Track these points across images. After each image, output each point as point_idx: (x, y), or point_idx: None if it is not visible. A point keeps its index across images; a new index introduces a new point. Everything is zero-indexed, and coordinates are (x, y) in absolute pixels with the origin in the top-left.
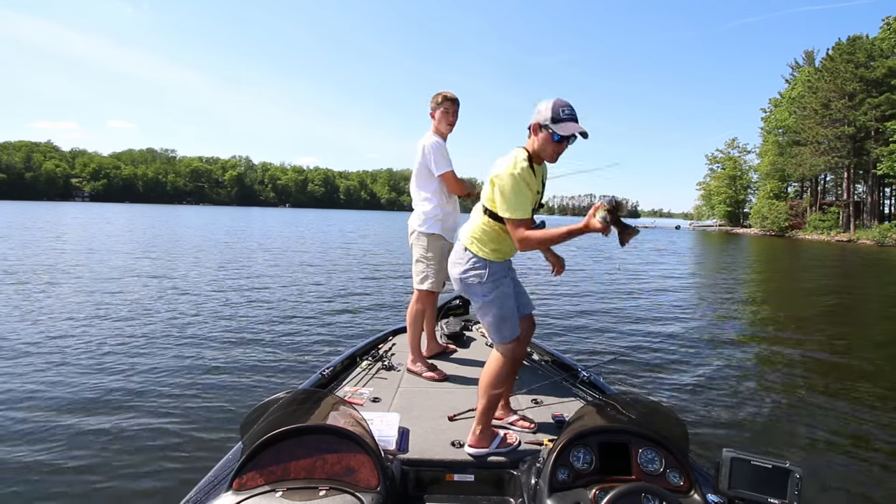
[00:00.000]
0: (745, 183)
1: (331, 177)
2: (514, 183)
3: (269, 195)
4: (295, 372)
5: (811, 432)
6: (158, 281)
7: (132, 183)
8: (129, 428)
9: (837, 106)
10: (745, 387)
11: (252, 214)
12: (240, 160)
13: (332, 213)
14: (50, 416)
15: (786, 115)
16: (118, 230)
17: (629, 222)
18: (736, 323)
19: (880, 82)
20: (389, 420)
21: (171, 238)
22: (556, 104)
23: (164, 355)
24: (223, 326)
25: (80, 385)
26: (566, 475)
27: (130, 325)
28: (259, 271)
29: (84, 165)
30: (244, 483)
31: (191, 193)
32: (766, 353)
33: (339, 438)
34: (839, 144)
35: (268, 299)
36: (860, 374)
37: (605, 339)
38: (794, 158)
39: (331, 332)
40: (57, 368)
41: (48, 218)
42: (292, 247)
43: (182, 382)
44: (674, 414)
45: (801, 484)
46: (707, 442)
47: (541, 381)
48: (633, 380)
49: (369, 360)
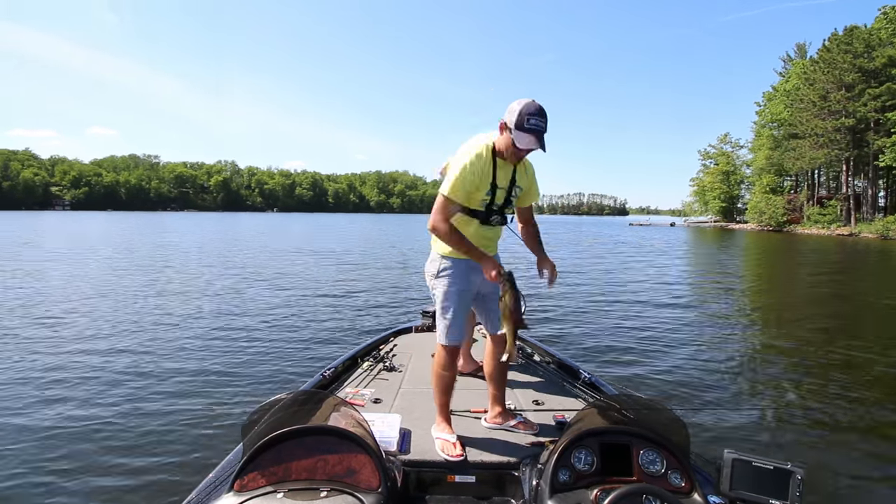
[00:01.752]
0: (739, 178)
1: (319, 180)
2: (461, 166)
3: (256, 200)
4: (296, 373)
5: (813, 433)
6: (158, 282)
7: (114, 190)
8: (130, 428)
9: (836, 97)
10: (746, 388)
11: (239, 220)
12: (225, 165)
13: (321, 217)
14: (50, 416)
15: (781, 109)
16: (116, 235)
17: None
18: (738, 324)
19: (879, 72)
20: (391, 421)
21: (165, 241)
22: (524, 110)
23: (165, 357)
24: (224, 328)
25: (80, 385)
26: (567, 476)
27: (130, 327)
28: (259, 273)
29: (64, 173)
30: (245, 484)
31: (175, 200)
32: (768, 354)
33: (340, 439)
34: (838, 136)
35: (269, 300)
36: (864, 374)
37: (606, 339)
38: (793, 152)
39: (332, 333)
40: (57, 370)
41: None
42: (292, 249)
43: (183, 384)
44: (675, 415)
45: (803, 485)
46: (708, 443)
47: (541, 382)
48: (633, 381)
49: (371, 361)
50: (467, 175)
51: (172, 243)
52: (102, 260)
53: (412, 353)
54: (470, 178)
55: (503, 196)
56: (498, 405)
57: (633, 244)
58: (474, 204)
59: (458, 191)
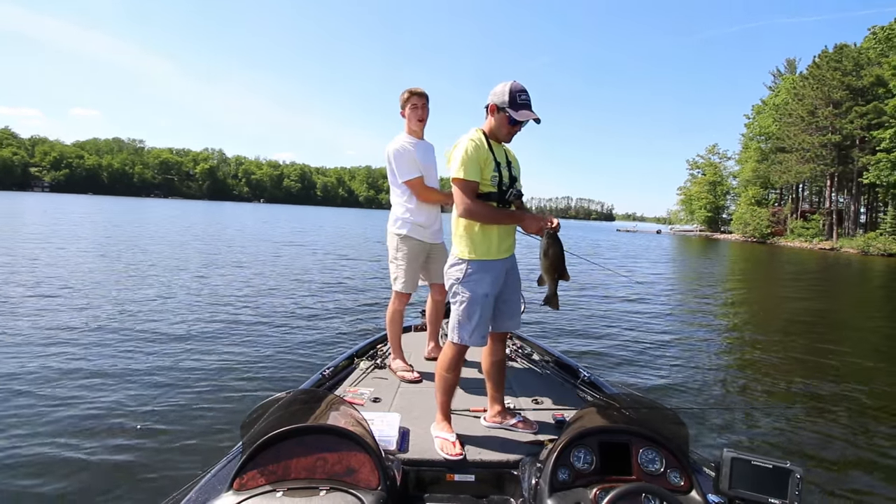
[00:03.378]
0: (725, 189)
1: (308, 173)
2: (462, 149)
3: (242, 190)
4: (295, 372)
5: (811, 432)
6: (158, 280)
7: (96, 174)
8: (129, 428)
9: (824, 113)
10: (745, 387)
11: (224, 209)
12: (212, 153)
13: (309, 210)
14: (48, 416)
15: (769, 122)
16: (111, 222)
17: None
18: (737, 325)
19: (867, 91)
20: (390, 420)
21: (158, 232)
22: (512, 89)
23: (164, 356)
24: (223, 326)
25: (80, 385)
26: (567, 475)
27: (130, 324)
28: (258, 270)
29: (44, 154)
30: (245, 483)
31: (159, 186)
32: (766, 355)
33: (339, 438)
34: (824, 152)
35: (268, 299)
36: (860, 375)
37: (606, 339)
38: (780, 165)
39: (331, 332)
40: (56, 369)
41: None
42: (290, 246)
43: (182, 383)
44: (674, 414)
45: (802, 484)
46: (707, 442)
47: (541, 381)
48: (633, 380)
49: (370, 360)
50: (472, 153)
51: (165, 234)
52: (90, 249)
53: (412, 352)
54: (475, 154)
55: (507, 175)
56: (497, 404)
57: (626, 252)
58: (486, 184)
59: (469, 169)
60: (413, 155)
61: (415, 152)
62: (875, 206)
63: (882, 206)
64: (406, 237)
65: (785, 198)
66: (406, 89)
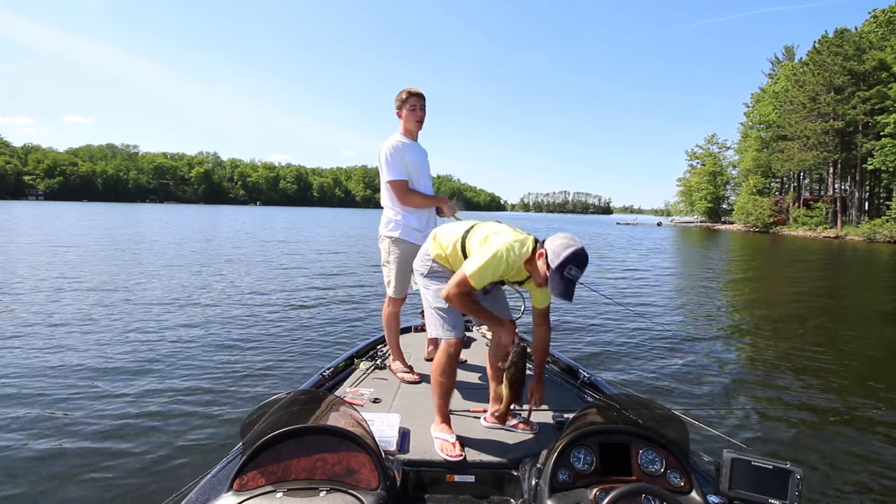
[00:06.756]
0: (725, 179)
1: (304, 174)
2: (493, 251)
3: (238, 193)
4: (295, 372)
5: (812, 433)
6: (156, 281)
7: (90, 180)
8: (129, 428)
9: (826, 99)
10: (746, 388)
11: (220, 213)
12: (207, 157)
13: (305, 211)
14: (49, 417)
15: (769, 110)
16: (107, 228)
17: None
18: (737, 324)
19: (869, 75)
20: (390, 421)
21: (153, 234)
22: (570, 258)
23: (163, 357)
24: (222, 327)
25: (80, 385)
26: (567, 476)
27: (130, 326)
28: (257, 272)
29: (38, 162)
30: (245, 483)
31: (155, 191)
32: (767, 355)
33: (339, 439)
34: (827, 139)
35: (268, 300)
36: (861, 374)
37: (606, 339)
38: (781, 153)
39: (331, 332)
40: (55, 368)
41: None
42: (290, 247)
43: (182, 384)
44: (674, 414)
45: (802, 484)
46: (707, 443)
47: None
48: (633, 380)
49: (370, 360)
50: (493, 267)
51: (161, 237)
52: (92, 254)
53: (411, 352)
54: (493, 270)
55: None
56: (497, 405)
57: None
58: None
59: (481, 280)
60: (404, 155)
61: (406, 153)
62: (878, 192)
63: (885, 193)
64: (398, 240)
65: (786, 186)
66: (404, 89)
